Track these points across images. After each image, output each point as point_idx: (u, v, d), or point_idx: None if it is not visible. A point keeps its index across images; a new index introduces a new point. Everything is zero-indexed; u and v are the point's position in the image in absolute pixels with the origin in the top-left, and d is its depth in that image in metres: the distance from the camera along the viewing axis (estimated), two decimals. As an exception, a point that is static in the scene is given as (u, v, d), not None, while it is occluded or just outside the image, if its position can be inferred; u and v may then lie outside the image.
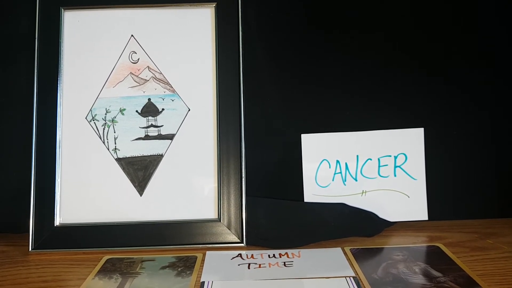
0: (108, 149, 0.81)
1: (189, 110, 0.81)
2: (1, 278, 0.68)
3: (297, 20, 0.86)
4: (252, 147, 0.82)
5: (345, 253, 0.73)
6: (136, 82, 0.82)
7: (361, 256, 0.72)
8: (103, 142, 0.81)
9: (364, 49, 0.86)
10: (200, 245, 0.77)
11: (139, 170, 0.80)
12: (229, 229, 0.78)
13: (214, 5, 0.82)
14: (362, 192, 0.85)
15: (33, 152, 0.78)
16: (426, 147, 0.84)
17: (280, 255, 0.74)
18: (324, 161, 0.85)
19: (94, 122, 0.81)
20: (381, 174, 0.84)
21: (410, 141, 0.84)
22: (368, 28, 0.86)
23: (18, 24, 0.84)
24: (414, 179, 0.84)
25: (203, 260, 0.72)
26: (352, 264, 0.70)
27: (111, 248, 0.76)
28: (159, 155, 0.81)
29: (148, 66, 0.82)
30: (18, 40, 0.85)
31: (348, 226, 0.80)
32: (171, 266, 0.71)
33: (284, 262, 0.71)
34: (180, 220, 0.78)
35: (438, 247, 0.75)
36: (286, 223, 0.80)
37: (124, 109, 0.81)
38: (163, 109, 0.81)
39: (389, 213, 0.83)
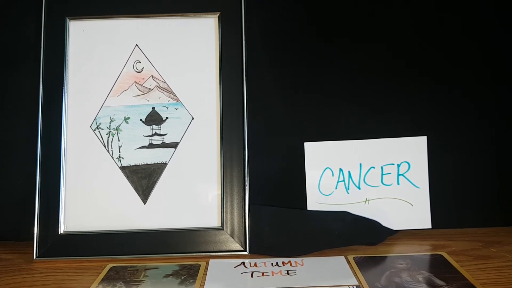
0: (112, 158, 0.81)
1: (192, 118, 0.82)
2: (5, 286, 0.68)
3: (300, 29, 0.87)
4: (256, 155, 0.82)
5: (348, 262, 0.73)
6: (140, 91, 0.82)
7: (364, 264, 0.72)
8: (108, 151, 0.81)
9: (367, 57, 0.86)
10: (204, 253, 0.77)
11: (143, 178, 0.81)
12: (232, 237, 0.78)
13: (218, 14, 0.82)
14: (365, 200, 0.85)
15: (37, 160, 0.79)
16: (429, 156, 0.84)
17: (283, 263, 0.74)
18: (327, 169, 0.85)
19: (99, 131, 0.82)
20: (384, 182, 0.84)
21: (413, 150, 0.84)
22: (371, 37, 0.86)
23: (24, 33, 0.85)
24: (417, 187, 0.84)
25: (206, 268, 0.72)
26: (355, 273, 0.70)
27: (115, 256, 0.77)
28: (163, 163, 0.81)
29: (152, 75, 0.83)
30: (23, 49, 0.85)
31: (351, 234, 0.80)
32: (175, 274, 0.71)
33: (287, 271, 0.71)
34: (183, 228, 0.79)
35: (442, 256, 0.75)
36: (289, 231, 0.80)
37: (129, 118, 0.82)
38: (167, 118, 0.82)
39: (393, 221, 0.83)
